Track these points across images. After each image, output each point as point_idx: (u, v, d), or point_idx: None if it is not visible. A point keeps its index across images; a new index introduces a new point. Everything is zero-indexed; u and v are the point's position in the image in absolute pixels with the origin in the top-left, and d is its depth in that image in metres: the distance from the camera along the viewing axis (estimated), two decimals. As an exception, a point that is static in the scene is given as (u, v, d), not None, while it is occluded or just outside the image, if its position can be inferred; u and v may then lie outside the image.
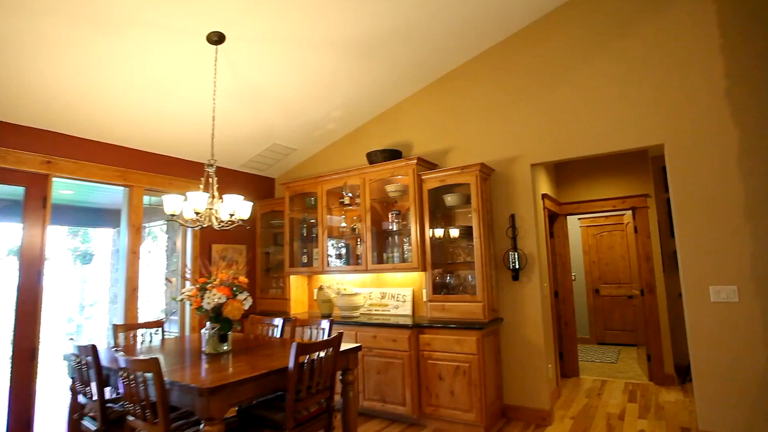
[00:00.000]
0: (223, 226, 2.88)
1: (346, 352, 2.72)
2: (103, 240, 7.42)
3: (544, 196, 4.46)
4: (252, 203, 3.09)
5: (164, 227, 5.53)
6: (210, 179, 2.95)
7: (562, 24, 3.74)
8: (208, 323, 2.76)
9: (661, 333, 4.64)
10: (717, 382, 2.99)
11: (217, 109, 3.87)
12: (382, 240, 4.43)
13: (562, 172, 5.41)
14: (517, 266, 3.73)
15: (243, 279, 2.85)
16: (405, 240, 4.22)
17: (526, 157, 3.86)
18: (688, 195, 3.19)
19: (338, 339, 2.39)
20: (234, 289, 2.75)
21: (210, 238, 4.73)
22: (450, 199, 3.92)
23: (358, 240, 4.37)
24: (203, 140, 4.28)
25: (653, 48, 3.35)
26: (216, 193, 2.91)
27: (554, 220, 5.19)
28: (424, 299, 4.18)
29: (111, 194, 5.30)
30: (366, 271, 4.17)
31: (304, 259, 4.84)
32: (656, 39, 3.34)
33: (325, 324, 3.24)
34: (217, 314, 2.69)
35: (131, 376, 1.99)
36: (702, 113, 3.16)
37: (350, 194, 4.45)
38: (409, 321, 3.82)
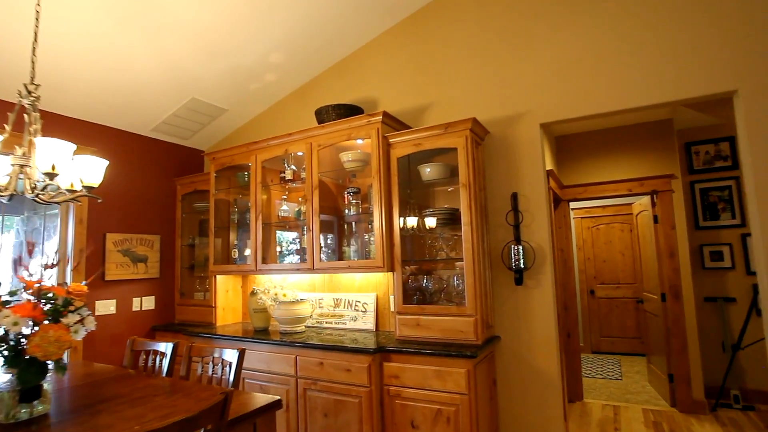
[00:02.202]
0: (40, 195, 1.67)
1: (252, 415, 1.58)
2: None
3: (548, 173, 3.42)
4: (106, 162, 1.88)
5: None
6: (27, 116, 1.74)
7: (587, -73, 2.68)
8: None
9: (689, 347, 3.70)
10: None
11: (100, 35, 2.63)
12: (336, 228, 3.30)
13: (563, 147, 4.41)
14: (521, 265, 2.67)
15: (78, 287, 1.66)
16: (367, 228, 3.11)
17: (533, 114, 2.80)
18: (774, 162, 2.19)
19: (217, 410, 1.24)
20: (53, 307, 1.56)
21: (103, 223, 3.47)
22: (429, 172, 2.83)
23: (304, 228, 3.22)
24: (67, 80, 3.02)
25: (723, -48, 2.34)
26: (35, 141, 1.70)
27: (556, 206, 4.18)
28: (392, 309, 3.08)
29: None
30: (312, 270, 3.03)
31: (235, 253, 3.65)
32: (728, -62, 2.33)
33: (231, 355, 2.08)
34: (15, 353, 1.49)
35: None
36: (798, 42, 2.17)
37: (293, 167, 3.29)
38: (370, 340, 2.72)
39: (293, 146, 3.20)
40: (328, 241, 3.26)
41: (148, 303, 3.75)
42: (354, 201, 3.08)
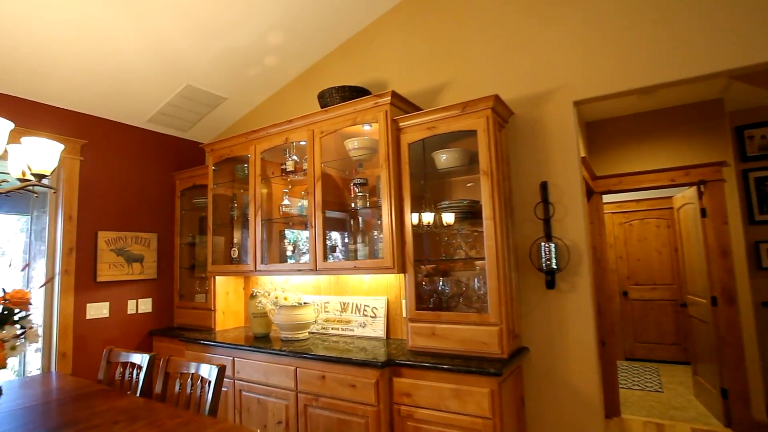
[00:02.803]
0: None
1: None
2: (8, 230, 5.89)
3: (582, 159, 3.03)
4: (61, 146, 1.60)
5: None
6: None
7: None
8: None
9: (746, 359, 3.24)
10: None
11: (77, 10, 2.38)
12: (341, 225, 2.98)
13: (596, 135, 3.99)
14: (553, 266, 2.29)
15: (19, 294, 1.38)
16: (375, 224, 2.79)
17: (564, 90, 2.42)
18: None
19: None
20: (-21, 317, 1.28)
21: (94, 221, 3.24)
22: (444, 159, 2.48)
23: (307, 225, 2.91)
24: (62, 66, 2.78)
25: None
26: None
27: (588, 199, 3.77)
28: (405, 315, 2.75)
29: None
30: (315, 271, 2.72)
31: (235, 252, 3.38)
32: None
33: (209, 371, 1.78)
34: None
35: None
36: None
37: (295, 157, 2.99)
38: (379, 351, 2.39)
39: (294, 134, 2.89)
40: (333, 239, 2.95)
41: (145, 305, 3.50)
42: (361, 194, 2.75)
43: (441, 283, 2.44)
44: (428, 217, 2.51)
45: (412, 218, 2.40)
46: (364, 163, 2.83)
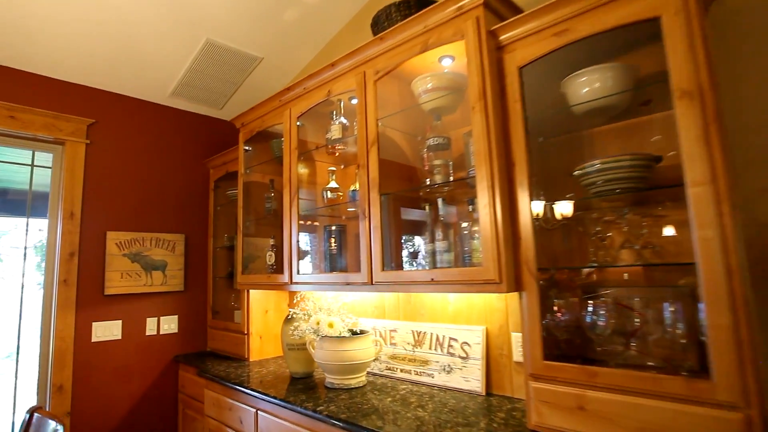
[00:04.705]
0: None
1: None
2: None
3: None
4: None
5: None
6: None
7: None
8: None
9: None
10: None
11: None
12: (412, 217, 2.00)
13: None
14: None
15: None
16: (465, 212, 1.76)
17: None
18: None
19: None
20: None
21: (103, 219, 2.59)
22: (588, 90, 1.38)
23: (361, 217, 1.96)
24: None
25: None
26: None
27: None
28: (516, 358, 1.68)
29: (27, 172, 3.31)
30: (369, 285, 1.75)
31: (270, 258, 2.53)
32: None
33: None
34: None
35: None
36: None
37: (343, 119, 2.06)
38: (475, 423, 1.35)
39: (339, 84, 1.97)
40: (399, 237, 1.97)
41: (169, 325, 2.80)
42: (439, 162, 1.74)
43: (590, 308, 1.33)
44: (561, 211, 1.43)
45: (528, 204, 1.35)
46: (443, 114, 1.81)
